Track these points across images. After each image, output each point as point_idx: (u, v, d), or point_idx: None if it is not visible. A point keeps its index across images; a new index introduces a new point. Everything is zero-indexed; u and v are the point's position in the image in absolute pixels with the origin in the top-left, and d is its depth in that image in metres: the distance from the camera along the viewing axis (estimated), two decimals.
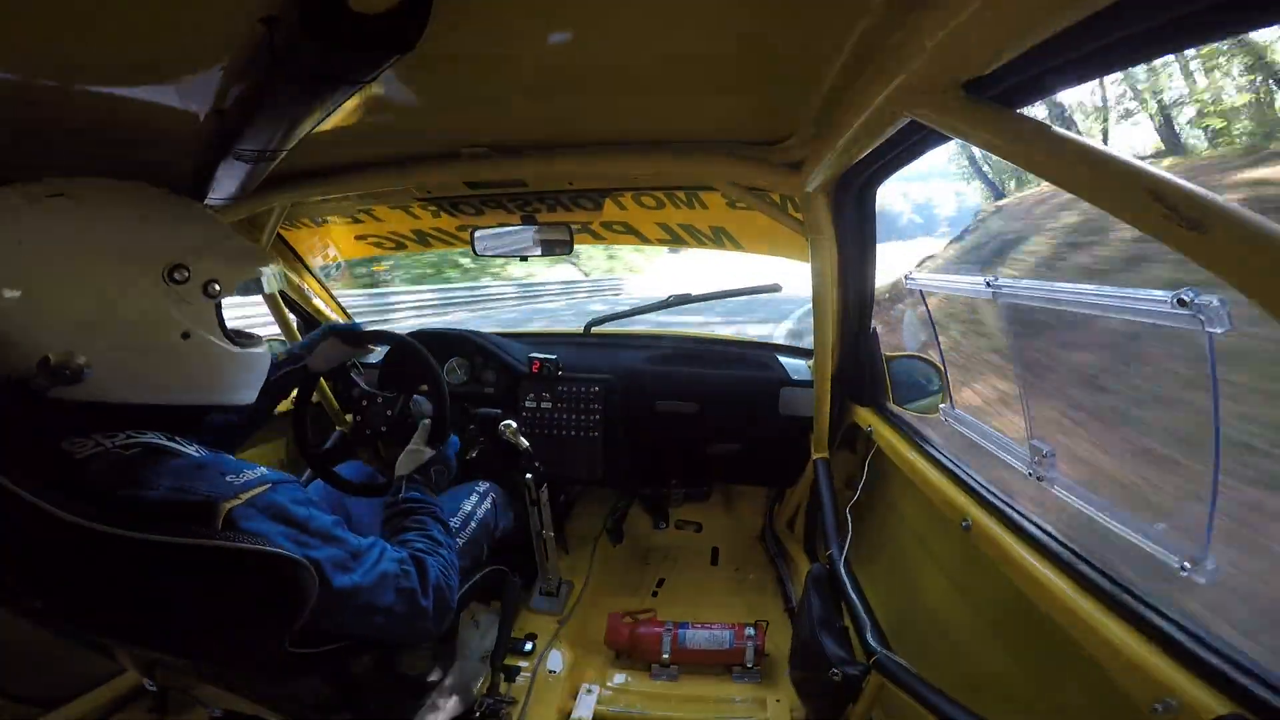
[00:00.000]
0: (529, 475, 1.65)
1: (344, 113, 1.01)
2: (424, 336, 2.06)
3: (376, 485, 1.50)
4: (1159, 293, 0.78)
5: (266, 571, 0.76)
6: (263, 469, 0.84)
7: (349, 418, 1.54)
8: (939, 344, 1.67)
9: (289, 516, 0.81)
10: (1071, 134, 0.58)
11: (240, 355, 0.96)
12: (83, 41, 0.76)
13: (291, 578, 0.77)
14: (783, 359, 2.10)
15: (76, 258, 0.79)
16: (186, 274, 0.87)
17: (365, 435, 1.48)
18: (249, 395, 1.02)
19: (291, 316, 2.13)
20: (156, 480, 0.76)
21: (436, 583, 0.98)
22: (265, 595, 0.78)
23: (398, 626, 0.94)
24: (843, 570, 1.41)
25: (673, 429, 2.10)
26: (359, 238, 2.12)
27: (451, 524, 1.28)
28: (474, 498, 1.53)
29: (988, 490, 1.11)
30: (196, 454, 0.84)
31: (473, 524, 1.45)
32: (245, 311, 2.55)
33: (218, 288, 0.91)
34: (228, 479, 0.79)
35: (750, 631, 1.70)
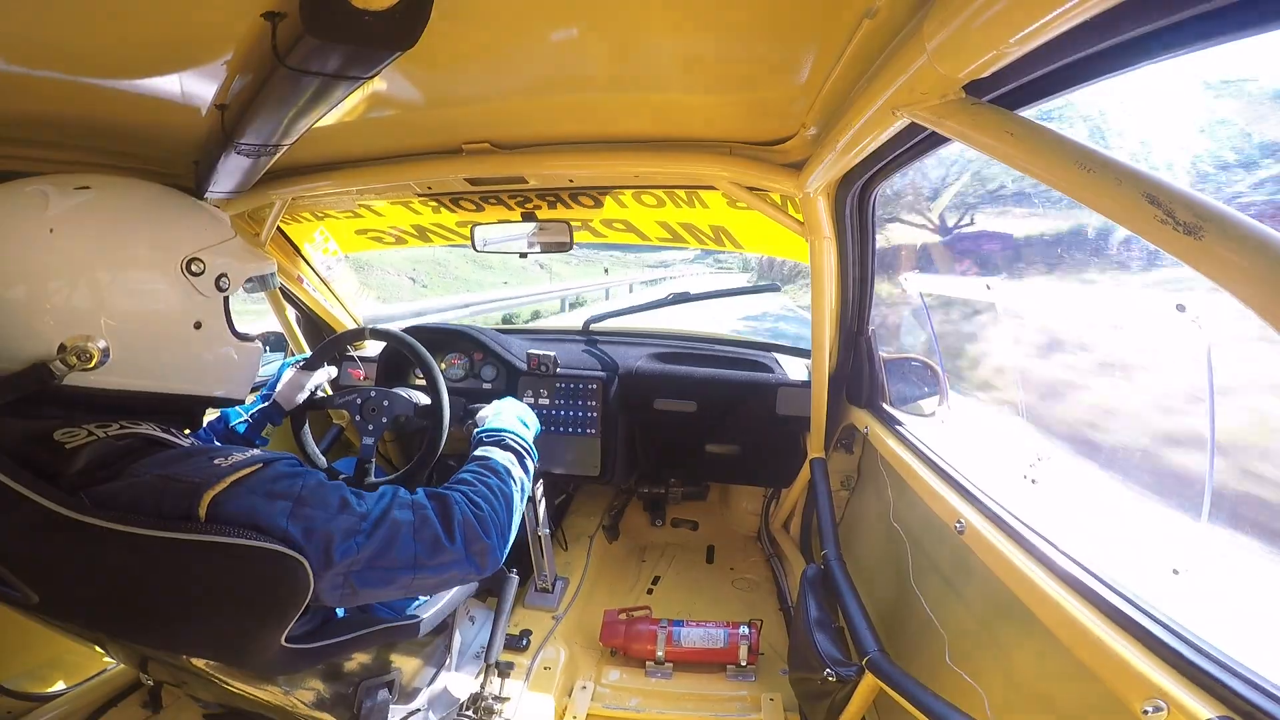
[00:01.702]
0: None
1: (345, 108, 1.01)
2: (422, 332, 2.06)
3: (380, 481, 1.50)
4: (1159, 297, 0.78)
5: (255, 567, 0.74)
6: (255, 450, 0.83)
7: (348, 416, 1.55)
8: (937, 345, 1.68)
9: (283, 492, 0.78)
10: (1071, 138, 0.58)
11: (242, 348, 0.99)
12: (87, 35, 0.76)
13: (282, 572, 0.75)
14: (781, 359, 2.10)
15: (103, 246, 0.81)
16: (202, 266, 0.90)
17: (371, 431, 1.49)
18: (243, 390, 1.03)
19: (291, 311, 2.14)
20: (143, 470, 0.76)
21: (463, 518, 0.90)
22: (255, 591, 0.77)
23: (430, 576, 0.88)
24: (838, 571, 1.41)
25: (670, 427, 2.10)
26: (359, 232, 2.12)
27: None
28: None
29: (981, 493, 1.11)
30: (188, 444, 0.84)
31: None
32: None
33: (227, 282, 0.94)
34: (215, 462, 0.77)
35: (745, 630, 1.70)
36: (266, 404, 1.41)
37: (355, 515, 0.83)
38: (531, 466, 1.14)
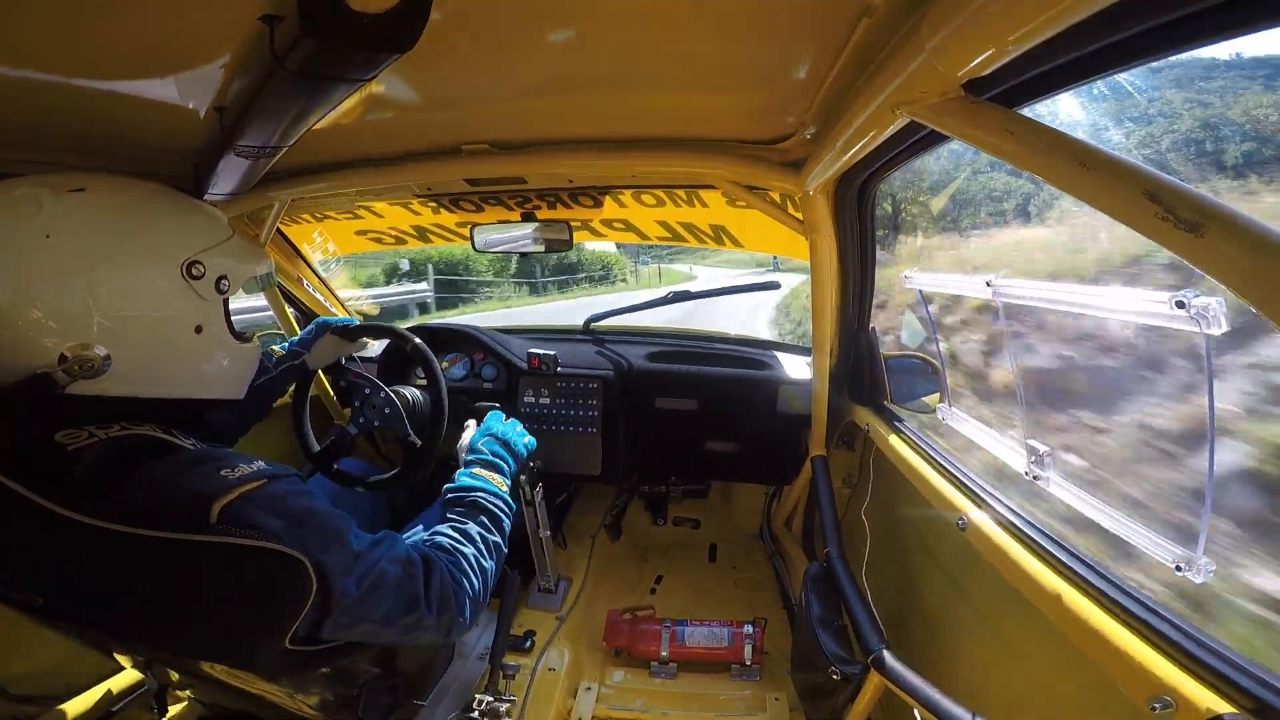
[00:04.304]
0: (523, 474, 1.65)
1: (344, 109, 1.01)
2: (423, 331, 2.06)
3: (376, 480, 1.50)
4: (1158, 294, 0.78)
5: (261, 568, 0.74)
6: (260, 463, 0.83)
7: (347, 411, 1.55)
8: (938, 343, 1.67)
9: (286, 510, 0.79)
10: (1071, 135, 0.57)
11: (241, 350, 0.98)
12: (85, 37, 0.75)
13: (287, 574, 0.76)
14: (781, 357, 2.10)
15: (101, 251, 0.80)
16: (202, 269, 0.88)
17: (361, 424, 1.50)
18: (241, 391, 1.03)
19: (290, 310, 2.14)
20: (148, 474, 0.76)
21: (441, 587, 0.93)
22: (260, 592, 0.78)
23: (396, 633, 0.90)
24: (840, 569, 1.41)
25: (671, 426, 2.10)
26: (359, 233, 2.12)
27: None
28: None
29: (984, 489, 1.11)
30: (192, 448, 0.84)
31: None
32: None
33: (227, 284, 0.93)
34: (222, 473, 0.77)
35: (748, 629, 1.70)
36: (294, 363, 1.41)
37: (350, 553, 0.84)
38: (509, 523, 1.14)
